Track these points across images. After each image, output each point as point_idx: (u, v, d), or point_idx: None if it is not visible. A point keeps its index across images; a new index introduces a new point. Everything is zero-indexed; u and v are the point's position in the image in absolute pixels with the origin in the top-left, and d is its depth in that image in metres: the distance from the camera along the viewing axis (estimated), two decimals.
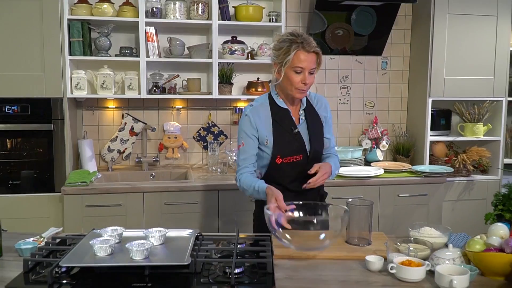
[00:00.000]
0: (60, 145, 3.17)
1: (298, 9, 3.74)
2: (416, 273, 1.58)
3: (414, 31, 3.91)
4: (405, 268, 1.59)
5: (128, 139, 3.59)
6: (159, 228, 1.86)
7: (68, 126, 3.16)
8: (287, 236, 1.77)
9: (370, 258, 1.72)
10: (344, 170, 3.35)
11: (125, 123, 3.58)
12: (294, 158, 2.15)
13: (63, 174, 3.17)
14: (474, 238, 1.74)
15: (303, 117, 2.21)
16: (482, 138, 3.76)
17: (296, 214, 1.98)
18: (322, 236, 1.76)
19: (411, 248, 1.73)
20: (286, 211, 1.89)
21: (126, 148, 3.61)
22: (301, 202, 2.01)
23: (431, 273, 1.61)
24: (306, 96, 2.23)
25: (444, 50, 3.61)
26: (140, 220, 3.05)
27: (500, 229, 1.72)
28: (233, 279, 1.56)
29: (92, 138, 3.52)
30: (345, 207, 1.88)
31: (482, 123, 3.74)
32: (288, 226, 1.78)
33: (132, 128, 3.58)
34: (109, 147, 3.57)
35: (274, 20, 3.45)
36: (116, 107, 3.59)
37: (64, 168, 3.17)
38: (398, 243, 1.79)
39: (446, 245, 1.79)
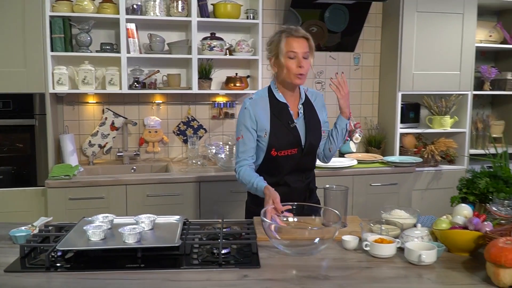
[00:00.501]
0: (42, 139, 3.21)
1: (274, 7, 3.87)
2: (388, 249, 1.73)
3: (384, 28, 4.08)
4: (377, 245, 1.74)
5: (109, 134, 3.66)
6: (148, 215, 1.97)
7: (50, 121, 3.21)
8: (284, 242, 1.79)
9: (346, 237, 1.86)
10: (319, 162, 3.48)
11: (106, 118, 3.64)
12: (289, 151, 2.22)
13: (46, 168, 3.22)
14: (440, 218, 1.90)
15: (301, 112, 2.27)
16: (449, 130, 3.97)
17: (290, 219, 2.01)
18: (317, 240, 1.76)
19: (383, 228, 1.88)
20: (282, 212, 1.95)
21: (107, 143, 3.67)
22: (295, 204, 2.02)
23: (401, 250, 1.76)
24: (304, 91, 2.32)
25: (412, 46, 3.80)
26: (123, 212, 3.13)
27: (464, 209, 1.89)
28: (220, 259, 1.68)
29: (73, 133, 3.57)
30: (337, 212, 1.91)
31: (449, 116, 3.94)
32: (284, 225, 1.88)
33: (112, 123, 3.65)
34: (90, 141, 3.63)
35: (251, 17, 3.57)
36: (96, 102, 3.65)
37: (46, 163, 3.22)
38: (372, 224, 1.94)
39: (415, 225, 1.94)
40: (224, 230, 1.94)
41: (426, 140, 4.05)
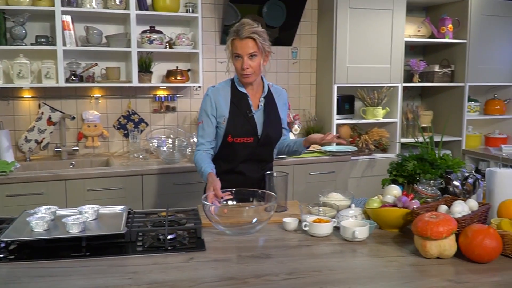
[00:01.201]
0: None
1: (214, 1, 3.91)
2: (325, 228, 1.85)
3: (320, 23, 4.24)
4: (315, 224, 1.85)
5: (45, 129, 3.57)
6: (92, 205, 1.97)
7: None
8: (223, 223, 1.88)
9: (287, 219, 1.96)
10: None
11: (42, 113, 3.55)
12: (245, 139, 2.31)
13: None
14: (372, 198, 2.04)
15: (262, 104, 2.35)
16: (382, 120, 4.19)
17: (230, 202, 2.08)
18: (254, 220, 1.86)
19: (320, 210, 2.00)
20: (222, 198, 2.02)
21: (44, 138, 3.58)
22: (234, 190, 2.10)
23: (337, 229, 1.88)
24: (269, 86, 2.41)
25: (346, 41, 3.97)
26: (62, 207, 3.07)
27: (393, 190, 2.04)
28: (167, 244, 1.73)
29: (8, 128, 3.46)
30: (273, 194, 2.00)
31: (381, 107, 4.16)
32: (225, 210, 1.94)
33: (49, 118, 3.56)
34: (26, 137, 3.53)
35: (190, 11, 3.60)
36: (32, 97, 3.55)
37: None
38: (310, 207, 2.05)
39: (349, 206, 2.07)
40: (169, 217, 1.98)
41: (361, 130, 4.25)
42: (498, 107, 4.57)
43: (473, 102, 4.58)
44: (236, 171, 2.35)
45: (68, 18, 3.32)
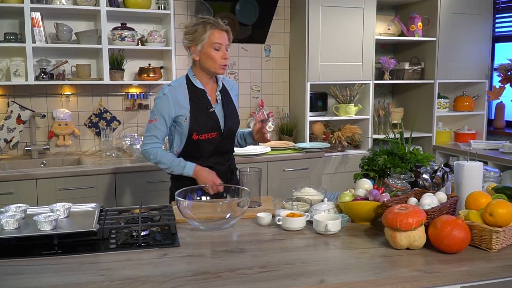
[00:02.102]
0: None
1: None
2: (298, 222, 1.87)
3: (292, 21, 4.27)
4: (289, 218, 1.87)
5: (15, 128, 3.50)
6: (63, 203, 1.94)
7: None
8: (197, 218, 1.87)
9: (260, 214, 1.97)
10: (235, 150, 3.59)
11: (11, 111, 3.48)
12: (210, 135, 2.33)
13: None
14: (344, 192, 2.07)
15: (219, 98, 2.39)
16: (354, 117, 4.24)
17: (204, 198, 2.11)
18: (228, 215, 1.87)
19: (294, 204, 2.01)
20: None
21: (13, 137, 3.51)
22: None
23: (311, 223, 1.90)
24: (221, 80, 2.43)
25: (318, 38, 4.01)
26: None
27: (365, 183, 2.07)
28: (140, 240, 1.72)
29: None
30: (246, 189, 2.02)
31: (353, 104, 4.21)
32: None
33: (19, 116, 3.49)
34: None
35: (162, 7, 3.57)
36: (1, 95, 3.47)
37: None
38: (284, 201, 2.07)
39: (322, 201, 2.10)
40: (142, 214, 1.97)
41: (334, 127, 4.30)
42: (467, 103, 4.68)
43: (442, 99, 4.68)
44: (204, 166, 2.35)
45: (37, 15, 3.26)
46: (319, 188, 2.25)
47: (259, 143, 2.66)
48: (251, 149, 3.65)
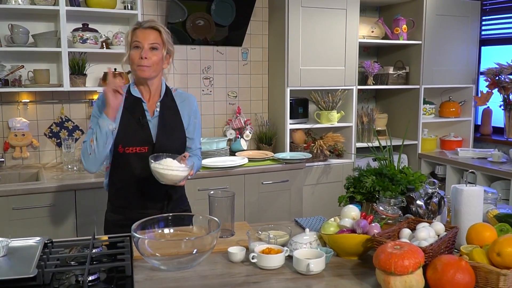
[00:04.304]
0: None
1: None
2: (276, 260, 1.61)
3: (271, 23, 4.01)
4: (264, 256, 1.61)
5: None
6: (0, 238, 1.65)
7: None
8: (160, 258, 1.60)
9: (233, 249, 1.71)
10: (209, 161, 3.33)
11: None
12: (138, 149, 2.04)
13: None
14: (328, 221, 1.82)
15: (158, 109, 2.11)
16: (337, 124, 4.00)
17: (166, 230, 1.79)
18: (195, 251, 1.60)
19: (271, 236, 1.76)
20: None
21: None
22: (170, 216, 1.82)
23: (291, 258, 1.64)
24: (171, 91, 2.16)
25: (299, 42, 3.75)
26: None
27: (351, 211, 1.82)
28: (86, 286, 1.44)
29: None
30: (216, 219, 1.73)
31: (336, 111, 3.97)
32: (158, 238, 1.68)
33: None
34: None
35: (129, 7, 3.28)
36: None
37: None
38: (260, 232, 1.81)
39: (303, 229, 1.85)
40: (94, 251, 1.69)
41: (315, 135, 4.06)
42: (453, 109, 4.49)
43: (428, 105, 4.48)
44: (132, 189, 2.06)
45: None
46: (283, 228, 1.92)
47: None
48: (226, 161, 3.39)
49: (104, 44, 3.31)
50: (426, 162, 4.37)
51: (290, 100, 3.85)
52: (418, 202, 1.83)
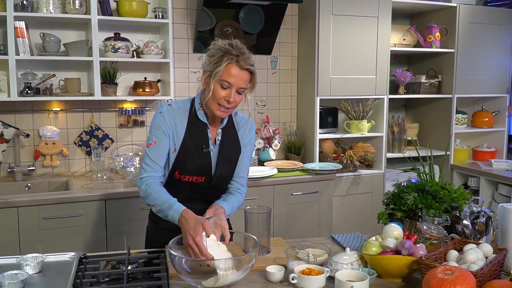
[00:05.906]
0: None
1: (186, 6, 3.59)
2: (317, 282, 1.55)
3: (301, 31, 3.96)
4: (305, 277, 1.55)
5: None
6: (34, 254, 1.63)
7: None
8: (195, 277, 1.55)
9: (271, 269, 1.65)
10: None
11: None
12: (195, 178, 1.91)
13: None
14: (369, 240, 1.75)
15: (219, 137, 1.96)
16: (367, 134, 3.92)
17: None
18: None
19: (310, 255, 1.70)
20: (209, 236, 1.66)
21: None
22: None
23: (331, 278, 1.58)
24: (232, 115, 2.00)
25: (329, 50, 3.69)
26: (14, 239, 2.72)
27: (394, 230, 1.74)
28: None
29: None
30: (255, 238, 1.69)
31: (366, 120, 3.89)
32: (210, 255, 1.60)
33: (1, 134, 3.18)
34: None
35: (160, 16, 3.26)
36: None
37: None
38: (298, 250, 1.75)
39: (340, 246, 1.78)
40: (129, 267, 1.65)
41: (345, 145, 3.99)
42: (487, 119, 4.36)
43: (460, 114, 4.37)
44: None
45: (22, 24, 2.96)
46: (321, 246, 1.84)
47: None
48: (255, 171, 3.34)
49: (134, 53, 3.30)
50: (458, 173, 4.25)
51: (319, 109, 3.78)
52: (465, 221, 1.75)
